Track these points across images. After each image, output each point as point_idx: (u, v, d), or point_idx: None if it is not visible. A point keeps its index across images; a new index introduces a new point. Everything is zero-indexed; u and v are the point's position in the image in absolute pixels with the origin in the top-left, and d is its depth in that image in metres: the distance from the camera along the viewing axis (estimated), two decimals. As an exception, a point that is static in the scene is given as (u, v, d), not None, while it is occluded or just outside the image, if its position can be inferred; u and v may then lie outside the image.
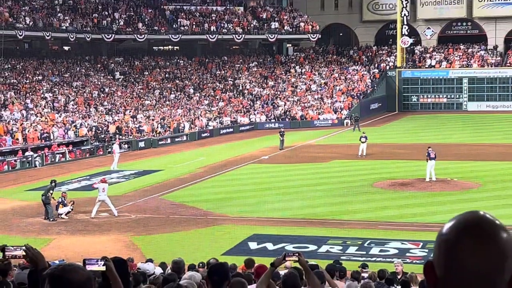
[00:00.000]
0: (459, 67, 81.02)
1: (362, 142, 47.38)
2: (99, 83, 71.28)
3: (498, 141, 54.00)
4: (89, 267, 5.05)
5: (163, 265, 17.19)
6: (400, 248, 25.05)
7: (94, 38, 73.59)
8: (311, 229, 28.29)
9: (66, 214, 31.46)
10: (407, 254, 24.19)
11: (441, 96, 79.96)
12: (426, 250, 24.71)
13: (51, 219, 30.88)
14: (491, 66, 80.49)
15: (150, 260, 18.34)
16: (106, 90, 69.78)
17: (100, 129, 58.36)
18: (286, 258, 8.22)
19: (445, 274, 2.14)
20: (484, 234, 2.12)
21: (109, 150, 52.27)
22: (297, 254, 8.24)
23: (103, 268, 5.07)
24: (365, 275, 15.49)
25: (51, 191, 31.47)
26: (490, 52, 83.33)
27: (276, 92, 76.92)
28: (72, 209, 31.71)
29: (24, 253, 4.98)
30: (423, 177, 38.01)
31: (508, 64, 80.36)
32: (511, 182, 36.57)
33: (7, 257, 5.21)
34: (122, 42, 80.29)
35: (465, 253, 2.11)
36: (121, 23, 76.58)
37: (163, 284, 7.51)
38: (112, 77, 74.35)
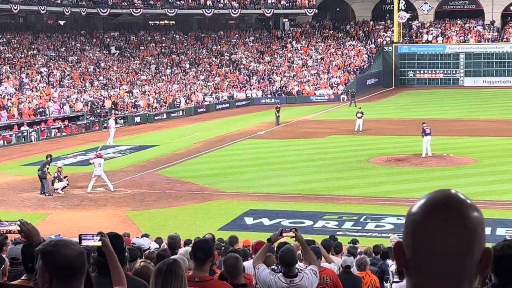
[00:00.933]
0: (456, 42, 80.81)
1: (358, 118, 47.37)
2: (95, 57, 70.98)
3: (494, 116, 54.00)
4: (85, 242, 5.03)
5: (158, 240, 17.22)
6: (396, 224, 25.11)
7: (89, 12, 73.18)
8: (307, 205, 28.35)
9: (62, 189, 31.47)
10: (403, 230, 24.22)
11: (437, 71, 79.81)
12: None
13: (47, 194, 30.88)
14: (488, 42, 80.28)
15: (146, 235, 18.36)
16: (102, 65, 69.51)
17: (96, 104, 58.21)
18: (283, 234, 8.23)
19: (413, 255, 2.07)
20: (452, 214, 2.04)
21: (105, 125, 52.16)
22: (293, 230, 8.24)
23: (99, 244, 5.05)
24: (358, 251, 15.52)
25: (47, 166, 31.43)
26: (487, 27, 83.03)
27: (272, 68, 76.69)
28: (67, 184, 31.71)
29: (18, 228, 4.95)
30: (419, 153, 38.02)
31: (505, 40, 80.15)
32: (507, 158, 36.62)
33: (1, 232, 5.18)
34: (117, 16, 79.85)
35: (432, 234, 2.04)
36: (117, -3, 76.11)
37: (157, 260, 7.50)
38: (107, 52, 74.03)
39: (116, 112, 56.64)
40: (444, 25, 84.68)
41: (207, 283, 6.37)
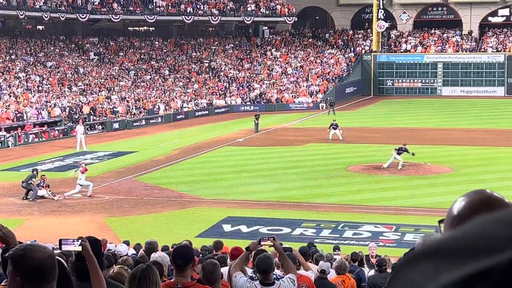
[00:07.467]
0: (434, 52, 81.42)
1: (333, 129, 47.18)
2: (73, 63, 70.65)
3: (471, 125, 54.42)
4: (65, 247, 5.02)
5: (137, 247, 17.14)
6: (373, 231, 25.23)
7: (68, 17, 72.82)
8: (285, 212, 28.38)
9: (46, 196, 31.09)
10: (380, 237, 24.39)
11: (415, 80, 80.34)
12: (399, 234, 24.93)
13: (30, 199, 30.62)
14: (466, 51, 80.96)
15: (126, 242, 18.28)
16: (81, 70, 69.21)
17: (74, 109, 57.93)
18: (261, 243, 8.25)
19: None
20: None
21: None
22: (272, 239, 8.27)
23: (79, 248, 5.05)
24: (337, 257, 15.60)
25: (33, 179, 31.19)
26: (465, 37, 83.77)
27: (252, 75, 76.80)
28: (49, 194, 31.15)
29: (-6, 233, 4.92)
30: (397, 161, 38.12)
31: (483, 50, 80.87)
32: (484, 167, 36.92)
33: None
34: (97, 22, 79.57)
35: None
36: (96, 2, 75.85)
37: (135, 267, 7.49)
38: (86, 58, 73.73)
39: (84, 117, 56.47)
40: (422, 34, 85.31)
41: None
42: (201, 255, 12.72)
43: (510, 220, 0.96)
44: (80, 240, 5.08)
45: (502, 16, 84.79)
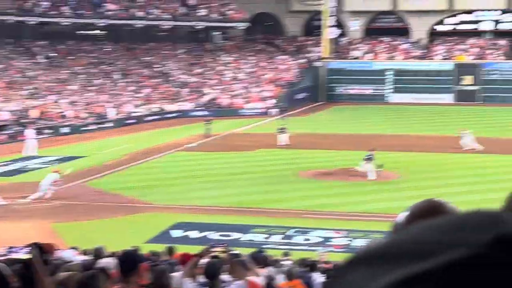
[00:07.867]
0: (384, 59, 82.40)
1: (281, 134, 47.75)
2: (22, 66, 69.61)
3: (420, 132, 55.14)
4: (12, 255, 4.96)
5: (85, 253, 16.97)
6: (323, 237, 25.41)
7: (17, 20, 71.73)
8: (235, 217, 28.41)
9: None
10: (330, 243, 24.57)
11: (366, 87, 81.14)
12: (349, 239, 25.14)
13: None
14: (415, 59, 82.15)
15: (74, 248, 18.07)
16: (29, 74, 68.21)
17: (22, 113, 57.05)
18: (212, 249, 8.28)
19: None
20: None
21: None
22: (222, 245, 8.31)
23: (27, 256, 4.99)
24: (287, 263, 15.66)
25: None
26: (414, 45, 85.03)
27: (203, 80, 76.68)
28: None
29: None
30: (346, 167, 38.43)
31: (431, 58, 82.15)
32: (431, 173, 37.47)
33: None
34: (46, 25, 78.52)
35: None
36: (46, 6, 74.87)
37: (83, 271, 7.43)
38: (35, 61, 72.71)
39: (42, 122, 55.65)
40: (372, 42, 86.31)
41: None
42: (149, 261, 12.64)
43: (444, 226, 1.00)
44: (28, 248, 5.03)
45: (450, 24, 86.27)
